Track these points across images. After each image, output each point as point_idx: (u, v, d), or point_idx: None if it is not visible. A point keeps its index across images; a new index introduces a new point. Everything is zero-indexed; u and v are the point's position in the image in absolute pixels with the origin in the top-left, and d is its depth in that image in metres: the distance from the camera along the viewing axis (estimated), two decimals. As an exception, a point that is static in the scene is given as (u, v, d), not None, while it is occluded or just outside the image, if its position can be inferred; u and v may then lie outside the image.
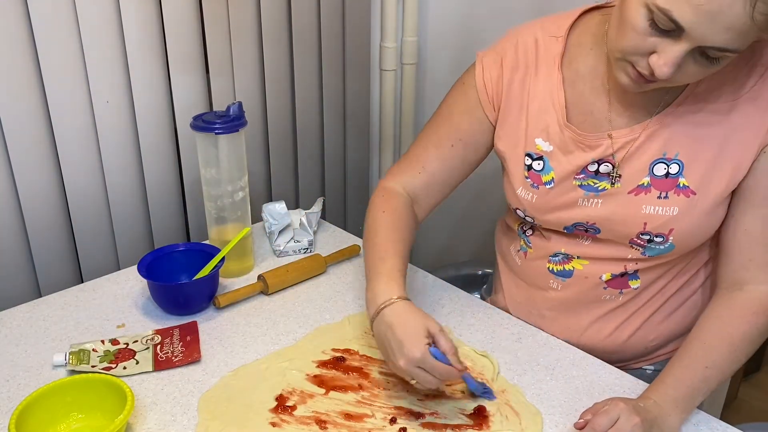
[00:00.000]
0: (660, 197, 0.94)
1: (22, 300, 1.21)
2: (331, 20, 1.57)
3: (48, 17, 1.16)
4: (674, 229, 0.95)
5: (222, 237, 1.25)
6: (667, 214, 0.94)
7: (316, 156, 1.69)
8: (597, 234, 1.00)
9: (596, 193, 0.98)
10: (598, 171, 0.98)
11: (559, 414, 0.94)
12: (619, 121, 0.97)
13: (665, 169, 0.94)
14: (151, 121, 1.35)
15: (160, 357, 1.04)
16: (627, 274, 1.02)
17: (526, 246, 1.10)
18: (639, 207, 0.95)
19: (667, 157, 0.94)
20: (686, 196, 0.93)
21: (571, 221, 1.01)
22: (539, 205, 1.02)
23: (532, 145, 1.02)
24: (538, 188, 1.02)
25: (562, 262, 1.05)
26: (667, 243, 0.96)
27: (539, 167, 1.01)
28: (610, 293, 1.04)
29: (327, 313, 1.17)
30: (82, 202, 1.31)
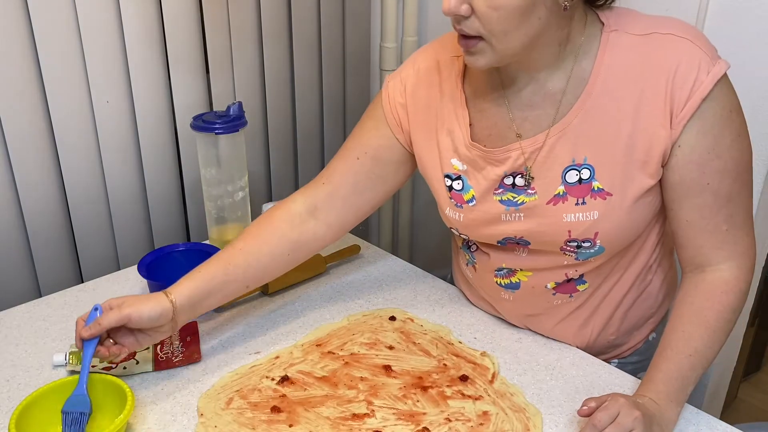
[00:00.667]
0: (578, 204, 0.95)
1: (22, 300, 1.21)
2: (331, 20, 1.57)
3: (48, 17, 1.17)
4: (599, 233, 0.95)
5: (222, 237, 1.25)
6: (588, 219, 0.94)
7: (316, 156, 1.69)
8: (528, 245, 1.01)
9: (516, 208, 0.98)
10: (514, 184, 0.98)
11: (559, 414, 0.94)
12: (523, 129, 0.97)
13: (577, 176, 0.94)
14: (151, 121, 1.35)
15: (160, 357, 1.04)
16: (573, 280, 1.03)
17: (471, 261, 1.12)
18: (560, 216, 0.96)
19: (577, 163, 0.94)
20: (603, 198, 0.94)
21: (501, 236, 1.01)
22: (467, 223, 1.03)
23: (449, 165, 1.02)
24: (462, 207, 1.03)
25: (507, 276, 1.06)
26: (596, 246, 0.96)
27: (459, 187, 1.02)
28: (560, 298, 1.05)
29: (327, 313, 1.17)
30: (82, 202, 1.31)
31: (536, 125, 0.96)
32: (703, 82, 0.87)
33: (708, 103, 0.88)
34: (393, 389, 0.97)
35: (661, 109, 0.89)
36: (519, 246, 1.02)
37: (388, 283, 1.26)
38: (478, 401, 0.95)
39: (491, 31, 0.85)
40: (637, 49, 0.90)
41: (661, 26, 0.90)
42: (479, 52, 0.88)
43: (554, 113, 0.95)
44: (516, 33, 0.85)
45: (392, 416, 0.92)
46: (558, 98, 0.94)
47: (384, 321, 1.13)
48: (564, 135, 0.94)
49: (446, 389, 0.98)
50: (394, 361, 1.03)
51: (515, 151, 0.96)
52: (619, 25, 0.92)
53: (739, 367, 1.88)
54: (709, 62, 0.87)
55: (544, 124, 0.95)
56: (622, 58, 0.91)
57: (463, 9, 0.84)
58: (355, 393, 0.97)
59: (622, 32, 0.91)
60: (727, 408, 1.59)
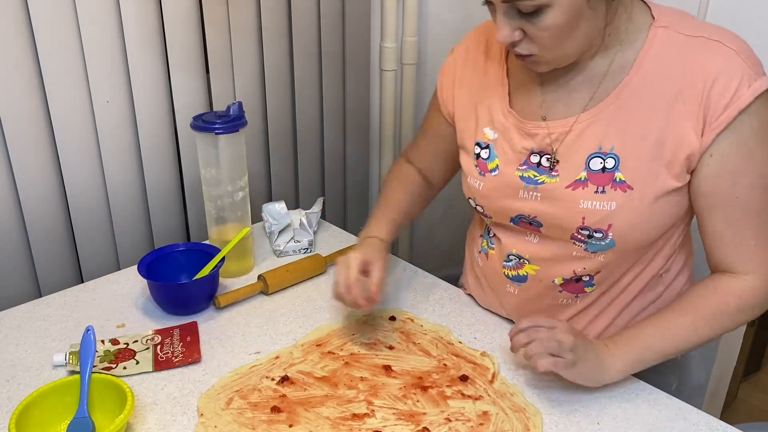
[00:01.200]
0: (597, 192, 0.95)
1: (22, 300, 1.21)
2: (331, 20, 1.57)
3: (48, 17, 1.17)
4: (613, 225, 0.94)
5: (222, 237, 1.25)
6: (604, 209, 0.94)
7: (316, 156, 1.69)
8: (540, 228, 1.01)
9: (535, 186, 0.99)
10: (540, 164, 0.99)
11: (559, 414, 0.94)
12: (554, 111, 0.98)
13: (601, 164, 0.94)
14: (151, 121, 1.35)
15: (160, 357, 1.04)
16: (581, 281, 1.02)
17: (487, 247, 1.12)
18: (576, 202, 0.96)
19: (603, 152, 0.94)
20: (623, 191, 0.93)
21: (515, 212, 1.02)
22: (485, 193, 1.05)
23: (482, 134, 1.05)
24: (485, 176, 1.05)
25: (515, 267, 1.06)
26: (608, 239, 0.96)
27: (485, 155, 1.05)
28: (566, 297, 1.05)
29: (327, 313, 1.17)
30: (82, 202, 1.31)
31: (568, 107, 0.97)
32: (743, 95, 0.87)
33: (745, 117, 0.88)
34: (393, 389, 0.97)
35: (694, 113, 0.89)
36: (531, 228, 1.02)
37: (388, 283, 1.26)
38: (478, 401, 0.95)
39: (544, 48, 0.89)
40: (683, 49, 0.90)
41: (710, 32, 0.91)
42: (538, 62, 0.92)
43: (589, 98, 0.96)
44: (569, 42, 0.89)
45: (392, 416, 0.92)
46: (596, 84, 0.95)
47: (384, 321, 1.13)
48: (596, 121, 0.94)
49: (446, 389, 0.98)
50: (394, 361, 1.03)
51: (543, 129, 0.98)
52: (670, 23, 0.92)
53: (739, 367, 1.88)
54: (752, 76, 0.87)
55: (577, 107, 0.96)
56: (667, 55, 0.91)
57: (516, 35, 0.88)
58: (355, 393, 0.97)
59: (671, 30, 0.92)
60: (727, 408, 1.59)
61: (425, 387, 0.98)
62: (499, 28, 0.88)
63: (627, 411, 0.95)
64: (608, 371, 0.94)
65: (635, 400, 0.97)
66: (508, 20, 0.87)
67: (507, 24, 0.87)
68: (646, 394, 0.98)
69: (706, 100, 0.88)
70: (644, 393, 0.98)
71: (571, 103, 0.97)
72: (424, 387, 0.98)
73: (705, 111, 0.89)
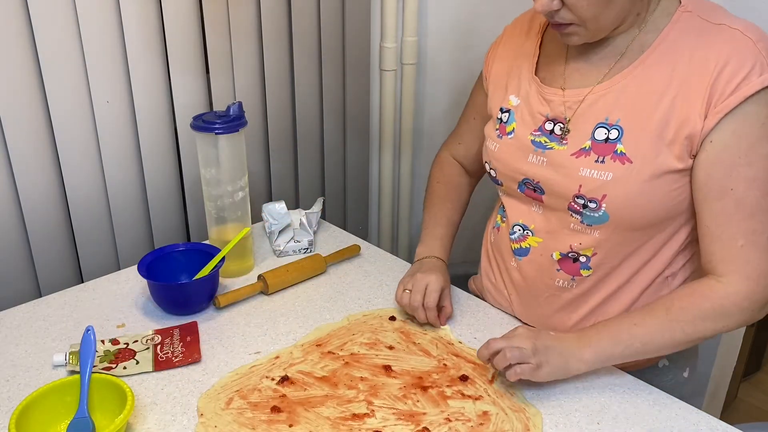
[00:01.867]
0: (597, 161, 0.96)
1: (22, 300, 1.21)
2: (331, 20, 1.57)
3: (48, 17, 1.16)
4: (607, 196, 0.95)
5: (222, 237, 1.25)
6: (601, 178, 0.95)
7: (316, 156, 1.69)
8: (542, 196, 1.03)
9: (543, 151, 1.02)
10: (552, 131, 1.02)
11: (559, 414, 0.94)
12: (572, 81, 1.01)
13: (605, 134, 0.96)
14: (151, 121, 1.35)
15: (160, 357, 1.04)
16: (578, 261, 1.03)
17: (500, 222, 1.15)
18: (577, 169, 0.98)
19: (609, 122, 0.96)
20: (622, 163, 0.94)
21: (521, 176, 1.05)
22: (499, 155, 1.08)
23: (507, 101, 1.10)
24: (502, 138, 1.09)
25: (519, 240, 1.09)
26: (601, 210, 0.96)
27: (506, 119, 1.09)
28: (563, 277, 1.05)
29: (327, 313, 1.17)
30: (82, 202, 1.31)
31: (585, 78, 1.00)
32: (753, 81, 0.87)
33: (752, 105, 0.87)
34: (393, 389, 0.98)
35: (701, 95, 0.89)
36: (535, 196, 1.04)
37: (388, 283, 1.26)
38: (478, 401, 0.95)
39: (583, 17, 0.91)
40: (703, 33, 0.91)
41: (733, 21, 0.92)
42: (574, 34, 0.94)
43: (605, 72, 0.98)
44: (606, 13, 0.91)
45: (392, 416, 0.92)
46: (614, 60, 0.98)
47: (384, 321, 1.13)
48: (607, 93, 0.97)
49: (446, 389, 0.98)
50: (394, 361, 1.03)
51: (559, 97, 1.01)
52: (695, 8, 0.94)
53: (739, 367, 1.88)
54: (765, 65, 0.87)
55: (593, 79, 0.99)
56: (686, 38, 0.92)
57: (554, 4, 0.90)
58: (355, 393, 0.97)
59: (695, 15, 0.93)
60: (727, 408, 1.59)
61: (425, 387, 0.98)
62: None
63: (627, 411, 0.95)
64: (575, 363, 0.95)
65: (635, 400, 0.97)
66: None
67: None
68: (646, 394, 0.98)
69: (714, 83, 0.88)
70: (644, 393, 0.98)
71: (588, 75, 1.00)
72: (424, 387, 0.98)
73: (711, 93, 0.88)
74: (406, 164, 1.85)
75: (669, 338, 0.94)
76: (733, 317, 0.93)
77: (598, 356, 0.95)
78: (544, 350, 0.94)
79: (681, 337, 0.94)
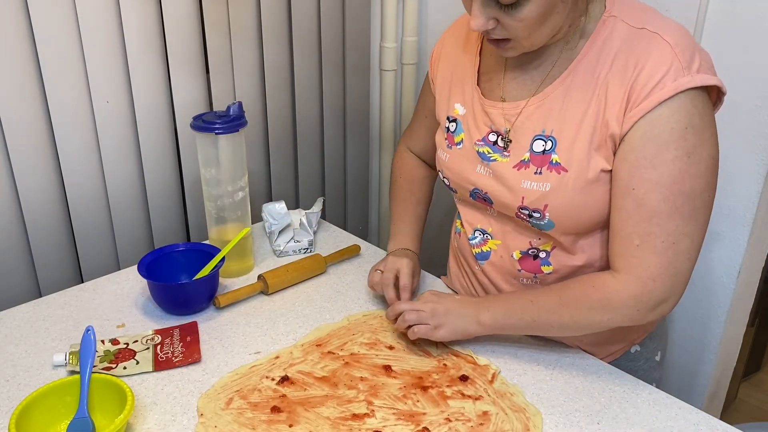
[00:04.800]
0: (536, 173, 0.98)
1: (22, 300, 1.21)
2: (331, 20, 1.57)
3: (48, 17, 1.16)
4: (548, 205, 0.97)
5: (222, 237, 1.25)
6: (540, 189, 0.97)
7: (316, 156, 1.69)
8: (492, 204, 1.05)
9: (488, 163, 1.03)
10: (496, 143, 1.03)
11: (559, 414, 0.94)
12: (510, 93, 1.02)
13: (542, 146, 0.98)
14: (151, 121, 1.35)
15: (160, 357, 1.04)
16: (538, 257, 1.04)
17: (460, 226, 1.16)
18: (519, 181, 0.99)
19: (545, 134, 0.98)
20: (557, 172, 0.96)
21: (472, 186, 1.07)
22: (450, 165, 1.10)
23: (452, 108, 1.11)
24: (451, 148, 1.10)
25: (480, 244, 1.11)
26: (545, 219, 0.98)
27: (453, 128, 1.10)
28: (525, 276, 1.07)
29: (327, 313, 1.17)
30: (82, 202, 1.31)
31: (522, 89, 1.01)
32: (665, 87, 0.87)
33: (663, 110, 0.87)
34: (393, 389, 0.98)
35: (619, 99, 0.91)
36: (485, 204, 1.07)
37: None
38: (478, 401, 0.95)
39: (518, 37, 0.91)
40: (625, 39, 0.92)
41: (654, 24, 0.91)
42: (510, 48, 0.95)
43: (540, 82, 0.99)
44: (541, 31, 0.91)
45: (392, 416, 0.92)
46: (547, 69, 0.98)
47: (384, 321, 1.13)
48: (542, 105, 0.98)
49: (446, 389, 0.98)
50: (394, 361, 1.03)
51: (499, 109, 1.02)
52: (619, 12, 0.94)
53: (739, 367, 1.88)
54: (681, 71, 0.86)
55: (528, 91, 1.00)
56: (610, 44, 0.93)
57: (489, 24, 0.91)
58: (355, 393, 0.97)
59: (618, 19, 0.94)
60: (727, 408, 1.59)
61: (425, 387, 0.98)
62: (474, 17, 0.90)
63: (627, 411, 0.95)
64: (473, 326, 1.02)
65: (635, 400, 0.97)
66: (484, 9, 0.89)
67: (483, 13, 0.90)
68: (646, 394, 0.98)
69: (631, 88, 0.89)
70: (644, 393, 0.98)
71: (524, 87, 1.01)
72: (424, 387, 0.98)
73: (629, 97, 0.90)
74: (406, 164, 1.85)
75: (557, 320, 0.98)
76: (618, 312, 0.95)
77: (495, 322, 1.01)
78: (444, 313, 1.02)
79: (568, 321, 0.97)
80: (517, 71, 1.02)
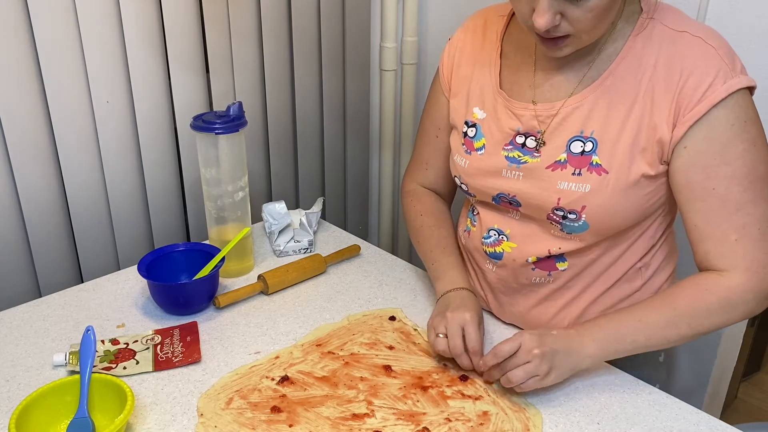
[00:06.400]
0: (574, 174, 0.97)
1: (22, 300, 1.21)
2: (331, 20, 1.57)
3: (48, 17, 1.16)
4: (586, 207, 0.96)
5: (222, 237, 1.25)
6: (579, 190, 0.96)
7: (316, 156, 1.69)
8: (519, 207, 1.03)
9: (518, 166, 1.02)
10: (524, 144, 1.01)
11: (559, 414, 0.94)
12: (542, 94, 1.01)
13: (581, 147, 0.97)
14: (151, 121, 1.35)
15: (160, 357, 1.04)
16: (553, 257, 1.03)
17: (470, 225, 1.15)
18: (554, 182, 0.98)
19: (584, 135, 0.97)
20: (598, 174, 0.96)
21: (496, 191, 1.05)
22: (470, 171, 1.07)
23: (470, 113, 1.08)
24: (471, 154, 1.07)
25: (493, 244, 1.08)
26: (581, 221, 0.97)
27: (472, 134, 1.07)
28: (539, 275, 1.05)
29: (327, 313, 1.17)
30: (82, 202, 1.31)
31: (556, 91, 1.00)
32: (717, 90, 0.89)
33: (720, 111, 0.90)
34: (393, 389, 0.98)
35: (667, 104, 0.92)
36: (511, 207, 1.05)
37: (388, 283, 1.26)
38: (478, 401, 0.95)
39: (582, 30, 0.89)
40: (666, 42, 0.93)
41: (695, 28, 0.93)
42: (567, 45, 0.92)
43: (576, 84, 0.98)
44: (603, 24, 0.90)
45: (392, 416, 0.92)
46: (584, 71, 0.98)
47: (384, 321, 1.13)
48: (580, 106, 0.97)
49: (446, 389, 0.98)
50: (394, 361, 1.03)
51: (530, 111, 1.00)
52: (658, 16, 0.95)
53: (739, 367, 1.87)
54: (728, 73, 0.90)
55: (563, 92, 0.99)
56: (651, 47, 0.94)
57: (556, 20, 0.88)
58: (355, 393, 0.97)
59: (657, 22, 0.94)
60: (727, 408, 1.59)
61: (425, 387, 0.98)
62: (541, 14, 0.86)
63: (627, 411, 0.95)
64: (582, 360, 0.95)
65: (635, 400, 0.97)
66: (552, 3, 0.86)
67: (551, 8, 0.86)
68: (646, 394, 0.98)
69: (680, 93, 0.91)
70: (644, 393, 0.98)
71: (559, 87, 1.00)
72: (424, 387, 0.98)
73: (678, 102, 0.91)
74: (406, 164, 1.85)
75: (675, 333, 0.95)
76: (738, 309, 0.94)
77: (603, 351, 0.95)
78: (551, 355, 0.93)
79: (687, 331, 0.95)
80: (550, 72, 1.00)
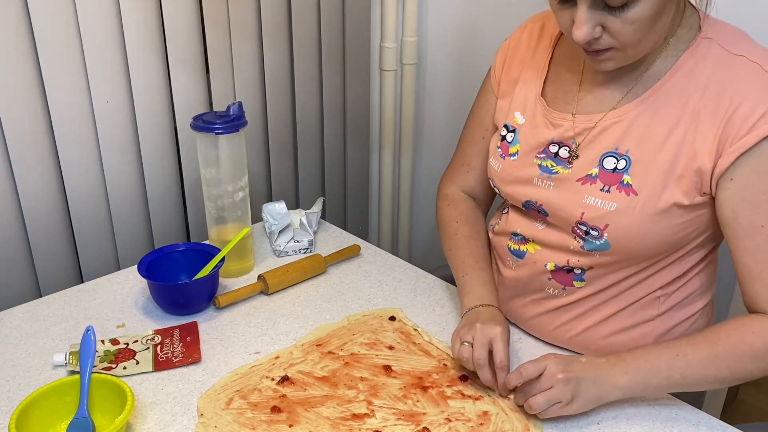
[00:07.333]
0: (602, 190, 0.94)
1: (22, 300, 1.21)
2: (331, 20, 1.57)
3: (48, 17, 1.17)
4: (609, 225, 0.93)
5: (222, 237, 1.25)
6: (604, 208, 0.93)
7: (316, 156, 1.69)
8: (546, 216, 1.01)
9: (549, 176, 1.00)
10: (557, 154, 0.99)
11: (559, 414, 0.94)
12: (584, 106, 0.98)
13: (614, 164, 0.94)
14: (151, 121, 1.35)
15: (160, 357, 1.04)
16: (572, 272, 1.00)
17: (497, 222, 1.13)
18: (582, 195, 0.96)
19: (619, 152, 0.94)
20: (627, 194, 0.92)
21: (525, 198, 1.03)
22: (502, 176, 1.06)
23: (512, 117, 1.06)
24: (505, 159, 1.06)
25: (519, 243, 1.07)
26: (602, 239, 0.94)
27: (510, 139, 1.06)
28: (554, 285, 1.03)
29: (327, 313, 1.17)
30: (82, 202, 1.31)
31: (598, 104, 0.97)
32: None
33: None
34: (393, 389, 0.98)
35: (713, 131, 0.87)
36: (539, 215, 1.03)
37: (388, 283, 1.26)
38: (478, 401, 0.95)
39: (625, 43, 0.86)
40: (720, 64, 0.88)
41: (752, 53, 0.88)
42: (610, 59, 0.89)
43: (619, 98, 0.95)
44: (649, 38, 0.87)
45: (392, 416, 0.92)
46: (629, 86, 0.94)
47: (384, 321, 1.13)
48: (619, 122, 0.94)
49: (446, 389, 0.98)
50: (394, 361, 1.03)
51: (568, 122, 0.98)
52: (715, 36, 0.90)
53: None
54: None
55: (605, 105, 0.96)
56: (703, 68, 0.89)
57: (596, 32, 0.85)
58: (355, 393, 0.97)
59: (714, 42, 0.90)
60: (727, 408, 1.59)
61: (425, 387, 0.98)
62: (580, 25, 0.84)
63: (627, 411, 0.95)
64: (610, 391, 0.90)
65: (635, 400, 0.96)
66: (590, 14, 0.83)
67: (590, 19, 0.83)
68: (646, 394, 0.98)
69: (728, 121, 0.86)
70: (644, 393, 0.98)
71: (601, 100, 0.97)
72: (424, 387, 0.98)
73: (726, 131, 0.86)
74: (406, 164, 1.85)
75: (712, 374, 0.89)
76: None
77: (635, 384, 0.90)
78: (576, 382, 0.88)
79: (726, 374, 0.89)
80: (594, 85, 0.97)
